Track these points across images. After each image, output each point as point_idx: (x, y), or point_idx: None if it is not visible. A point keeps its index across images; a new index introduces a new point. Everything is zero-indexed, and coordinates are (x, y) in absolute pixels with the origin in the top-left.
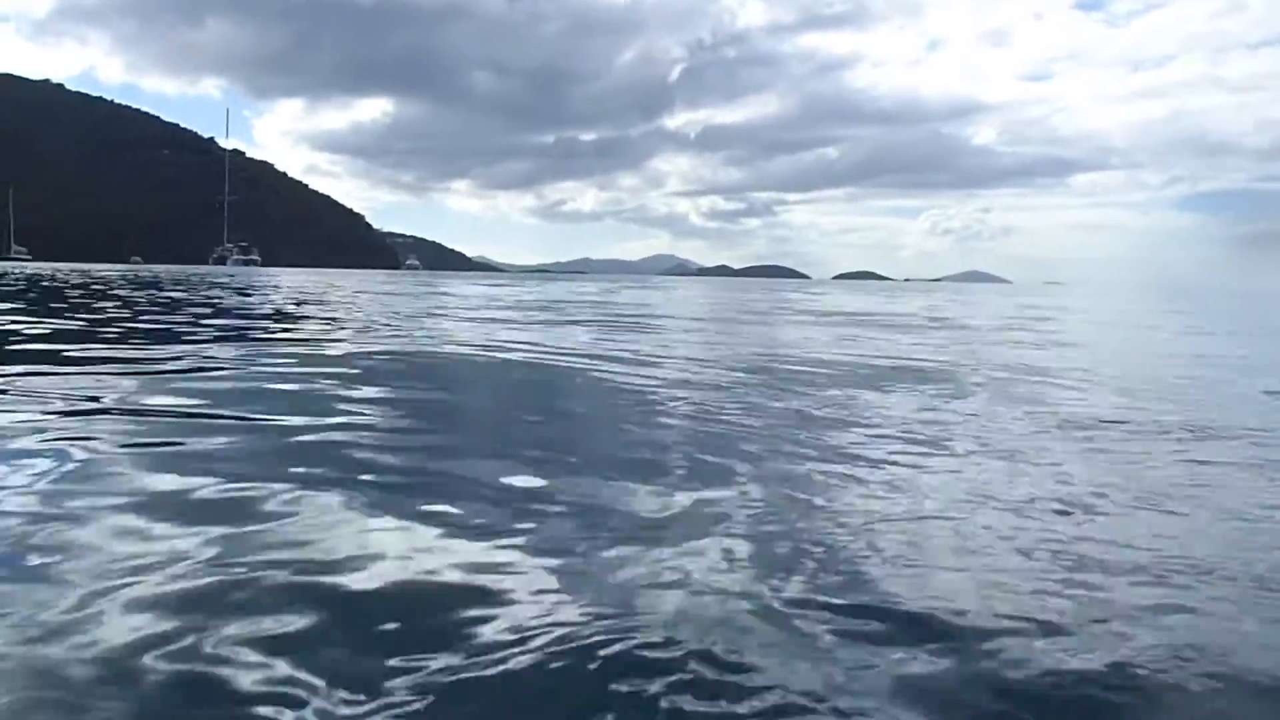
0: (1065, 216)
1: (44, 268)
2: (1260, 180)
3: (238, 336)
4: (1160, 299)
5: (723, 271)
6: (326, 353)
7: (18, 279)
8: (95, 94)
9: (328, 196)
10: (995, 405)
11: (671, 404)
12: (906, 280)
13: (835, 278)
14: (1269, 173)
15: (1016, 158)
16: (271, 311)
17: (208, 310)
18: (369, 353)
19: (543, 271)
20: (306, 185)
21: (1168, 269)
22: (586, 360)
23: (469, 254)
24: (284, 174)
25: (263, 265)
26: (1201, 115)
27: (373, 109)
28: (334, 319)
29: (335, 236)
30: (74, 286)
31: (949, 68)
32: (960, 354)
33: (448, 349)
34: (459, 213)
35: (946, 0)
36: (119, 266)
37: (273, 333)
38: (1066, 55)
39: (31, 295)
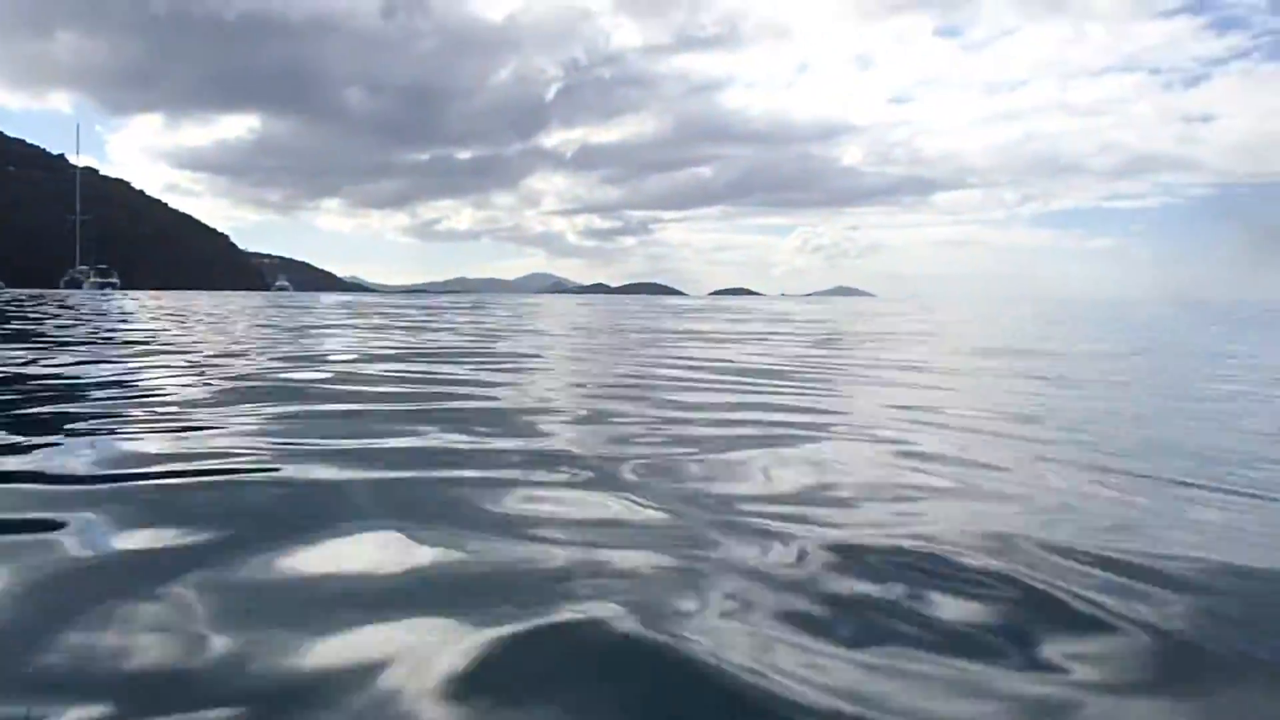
0: (928, 233)
1: None
2: (1105, 199)
3: None
4: (1003, 307)
5: (600, 290)
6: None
7: None
8: None
9: (189, 216)
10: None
11: None
12: (781, 295)
13: (711, 294)
14: (1113, 191)
15: (882, 177)
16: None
17: None
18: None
19: (418, 291)
20: (166, 204)
21: (1021, 282)
22: None
23: (340, 274)
24: (141, 192)
25: (122, 289)
26: (1052, 137)
27: (238, 125)
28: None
29: (199, 257)
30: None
31: (817, 90)
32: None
33: None
34: (329, 232)
35: (815, 24)
36: None
37: None
38: (928, 80)
39: None
